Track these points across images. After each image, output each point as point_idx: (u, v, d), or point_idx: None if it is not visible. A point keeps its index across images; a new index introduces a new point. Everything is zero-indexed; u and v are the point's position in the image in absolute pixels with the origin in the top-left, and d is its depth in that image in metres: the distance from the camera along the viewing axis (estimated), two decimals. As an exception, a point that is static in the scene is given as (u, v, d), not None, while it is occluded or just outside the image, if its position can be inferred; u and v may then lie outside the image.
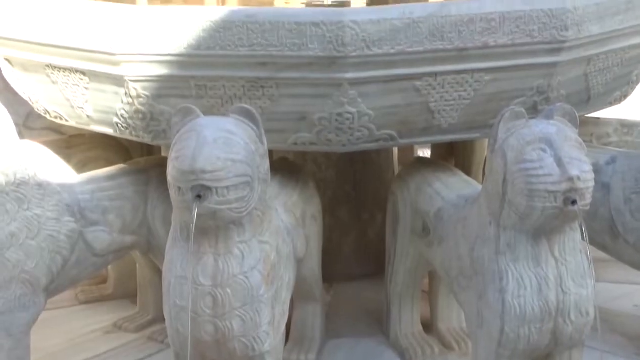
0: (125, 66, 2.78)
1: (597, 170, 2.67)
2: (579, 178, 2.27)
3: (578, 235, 2.43)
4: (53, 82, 3.05)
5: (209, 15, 2.69)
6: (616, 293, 3.61)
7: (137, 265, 3.46)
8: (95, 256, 2.94)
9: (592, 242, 3.03)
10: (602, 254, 3.19)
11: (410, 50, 2.64)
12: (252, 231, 2.40)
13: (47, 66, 3.01)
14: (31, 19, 2.97)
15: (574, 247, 2.43)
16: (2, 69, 3.30)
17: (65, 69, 2.96)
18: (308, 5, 3.58)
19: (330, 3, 3.57)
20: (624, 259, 3.13)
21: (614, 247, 3.12)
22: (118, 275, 3.73)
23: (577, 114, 2.48)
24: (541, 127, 2.38)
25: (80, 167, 3.40)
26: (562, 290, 2.41)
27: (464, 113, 2.82)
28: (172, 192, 2.32)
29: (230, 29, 2.65)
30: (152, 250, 3.14)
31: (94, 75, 2.90)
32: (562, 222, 2.36)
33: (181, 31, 2.69)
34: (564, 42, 2.78)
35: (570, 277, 2.42)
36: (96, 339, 3.34)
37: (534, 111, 2.82)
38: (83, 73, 2.92)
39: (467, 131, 2.90)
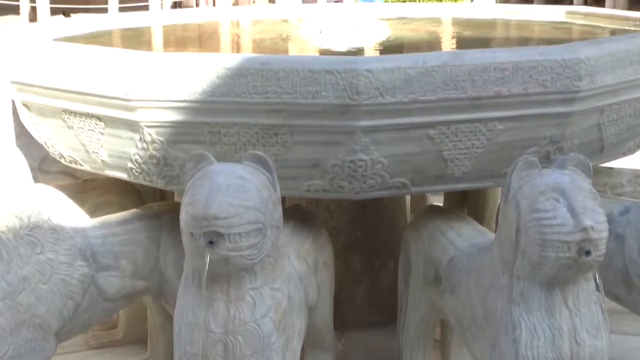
0: (140, 112, 2.80)
1: (610, 220, 2.66)
2: (592, 228, 2.25)
3: (592, 286, 2.41)
4: (69, 127, 3.07)
5: (223, 62, 2.71)
6: (631, 345, 3.57)
7: (148, 310, 3.44)
8: (106, 301, 2.93)
9: (607, 293, 3.00)
10: (616, 305, 3.16)
11: (423, 98, 2.65)
12: (264, 278, 2.39)
13: (64, 111, 3.04)
14: (49, 64, 3.01)
15: (588, 298, 2.41)
16: (19, 113, 3.33)
17: (81, 114, 2.99)
18: (322, 52, 3.60)
19: (345, 50, 3.60)
20: (638, 311, 3.10)
21: (628, 298, 3.09)
22: (128, 320, 3.72)
23: (590, 164, 2.47)
24: (554, 176, 2.37)
25: (94, 211, 3.41)
26: (576, 341, 2.38)
27: (477, 162, 2.82)
28: (185, 238, 2.32)
29: (244, 76, 2.67)
30: (164, 295, 3.13)
31: (109, 121, 2.92)
32: (576, 273, 2.34)
33: (196, 78, 2.71)
34: (577, 92, 2.79)
35: (584, 329, 2.39)
36: (106, 384, 3.32)
37: (547, 160, 2.82)
38: (99, 118, 2.94)
39: (480, 180, 2.89)
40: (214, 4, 14.24)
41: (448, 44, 4.06)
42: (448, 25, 4.65)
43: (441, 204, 4.21)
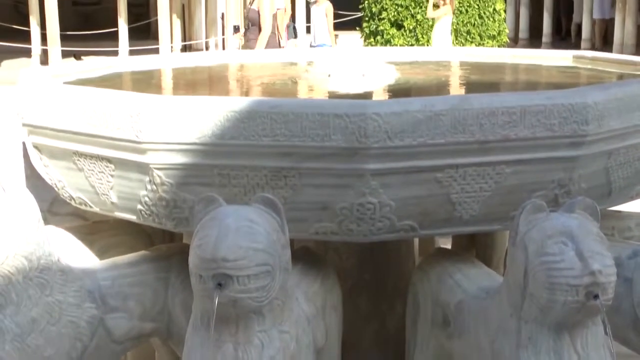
0: (150, 154, 2.83)
1: (619, 264, 2.65)
2: (600, 272, 2.26)
3: (601, 330, 2.41)
4: (79, 169, 3.09)
5: (233, 105, 2.73)
6: (641, 389, 3.53)
7: (156, 352, 3.44)
8: (114, 343, 2.93)
9: (615, 337, 2.98)
10: (625, 349, 3.15)
11: (431, 142, 2.67)
12: (272, 320, 2.39)
13: (74, 153, 3.06)
14: (60, 107, 3.04)
15: (596, 342, 2.40)
16: (30, 156, 3.36)
17: (91, 156, 3.01)
18: (331, 96, 3.63)
19: (353, 94, 3.63)
20: (647, 355, 3.08)
21: (637, 342, 3.07)
22: (136, 362, 3.71)
23: (598, 208, 2.48)
24: (562, 220, 2.38)
25: (103, 253, 3.42)
26: (585, 385, 2.38)
27: (485, 205, 2.83)
28: (193, 280, 2.32)
29: (254, 119, 2.69)
30: (172, 337, 3.13)
31: (119, 163, 2.94)
32: (584, 317, 2.34)
33: (205, 120, 2.74)
34: (584, 136, 2.80)
35: (593, 373, 2.38)
36: None
37: (555, 204, 2.83)
38: (109, 160, 2.97)
39: (488, 223, 2.90)
40: (223, 47, 14.36)
41: (456, 87, 4.09)
42: (456, 69, 4.69)
43: (449, 247, 4.21)
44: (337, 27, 17.04)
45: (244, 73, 4.68)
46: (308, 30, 15.59)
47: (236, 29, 8.78)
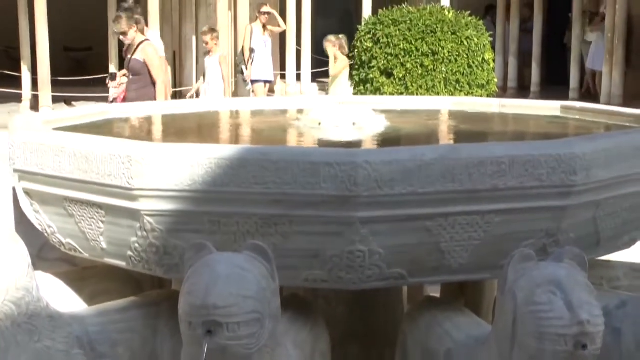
0: (141, 200, 2.84)
1: (607, 314, 2.66)
2: (589, 322, 2.27)
3: (589, 380, 2.41)
4: (70, 215, 3.10)
5: (224, 152, 2.76)
6: None
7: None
8: (102, 389, 2.92)
9: (604, 386, 2.99)
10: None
11: (421, 191, 2.70)
12: (262, 368, 2.39)
13: (65, 199, 3.07)
14: (50, 153, 3.05)
15: (585, 392, 2.41)
16: (20, 201, 3.36)
17: (82, 203, 3.02)
18: (322, 144, 3.66)
19: (344, 142, 3.66)
20: (637, 405, 3.07)
21: (626, 392, 3.07)
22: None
23: (586, 257, 2.50)
24: (551, 269, 2.40)
25: (92, 299, 3.42)
26: None
27: (474, 253, 2.85)
28: (183, 327, 2.33)
29: (244, 167, 2.71)
30: (160, 384, 3.12)
31: (110, 209, 2.95)
32: (573, 366, 2.34)
33: (196, 168, 2.76)
34: (572, 186, 2.83)
35: (582, 423, 2.38)
36: None
37: (543, 253, 2.84)
38: (100, 207, 2.98)
39: (477, 271, 2.92)
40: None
41: (446, 137, 4.13)
42: (446, 118, 4.73)
43: (438, 295, 4.21)
44: (327, 75, 17.17)
45: (236, 120, 4.71)
46: (298, 76, 15.68)
47: (112, 77, 8.37)
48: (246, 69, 11.43)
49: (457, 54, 9.58)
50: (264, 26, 12.04)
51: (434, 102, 5.34)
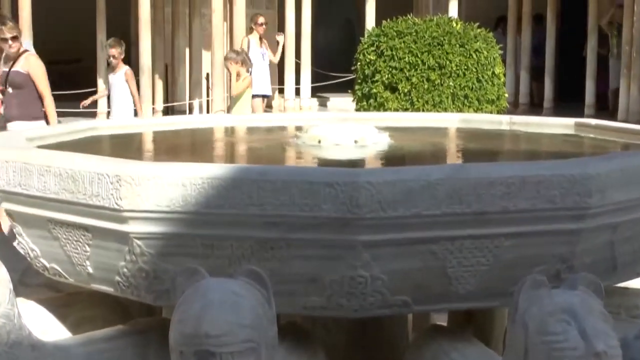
0: (130, 222, 2.84)
1: (625, 345, 2.66)
2: (605, 353, 2.26)
3: (605, 414, 2.40)
4: (54, 238, 3.10)
5: (218, 172, 2.76)
6: None
7: None
8: (87, 423, 2.91)
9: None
10: None
11: (426, 213, 2.70)
12: (257, 401, 2.38)
13: (49, 221, 3.07)
14: (34, 172, 3.05)
15: None
16: (1, 223, 3.37)
17: (67, 225, 3.02)
18: (322, 163, 3.67)
19: (345, 161, 3.66)
20: None
21: None
22: None
23: (602, 284, 2.49)
24: (564, 297, 2.40)
25: (77, 326, 3.41)
26: None
27: (482, 279, 2.85)
28: (174, 356, 2.32)
29: (240, 187, 2.72)
30: (148, 418, 3.11)
31: (97, 232, 2.96)
32: (588, 400, 2.33)
33: (189, 188, 2.76)
34: (587, 208, 2.83)
35: None
36: None
37: (556, 280, 2.84)
38: (86, 229, 2.98)
39: (486, 299, 2.91)
40: (208, 110, 14.47)
41: (453, 156, 4.14)
42: (453, 136, 4.74)
43: (445, 323, 4.20)
44: (328, 89, 17.24)
45: (230, 138, 4.72)
46: (297, 91, 15.74)
47: None
48: None
49: (466, 67, 9.60)
50: (261, 38, 12.05)
51: (441, 119, 5.35)
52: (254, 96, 11.29)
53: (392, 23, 10.06)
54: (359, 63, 10.08)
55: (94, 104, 13.52)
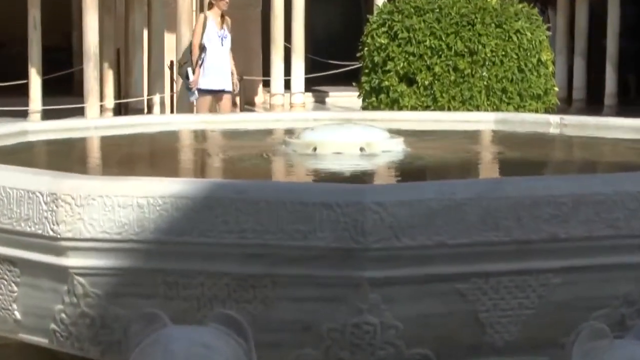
0: (70, 255, 2.84)
1: None
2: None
3: None
4: (-27, 274, 3.11)
5: (185, 189, 2.77)
6: None
7: None
8: None
9: None
10: None
11: (452, 242, 2.70)
12: None
13: (-34, 252, 3.07)
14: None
15: None
16: None
17: (-11, 257, 3.03)
18: (318, 178, 3.68)
19: (348, 176, 3.67)
20: None
21: None
22: None
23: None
24: (630, 350, 2.40)
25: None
26: None
27: (525, 327, 2.85)
28: None
29: (212, 209, 2.72)
30: None
31: (27, 266, 2.96)
32: None
33: (147, 210, 2.76)
34: (660, 235, 2.84)
35: None
36: None
37: (621, 327, 2.84)
38: (12, 263, 2.98)
39: (530, 351, 2.91)
40: (172, 108, 14.46)
41: (487, 168, 4.15)
42: (487, 142, 4.76)
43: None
44: (327, 81, 17.25)
45: (202, 145, 4.73)
46: (287, 83, 15.75)
47: None
48: (193, 72, 11.11)
49: (504, 53, 9.61)
50: (223, 16, 11.74)
51: (472, 119, 5.36)
52: (202, 91, 10.99)
53: (409, -3, 10.09)
54: (366, 48, 10.08)
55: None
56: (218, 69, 11.24)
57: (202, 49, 11.00)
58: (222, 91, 11.27)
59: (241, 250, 2.72)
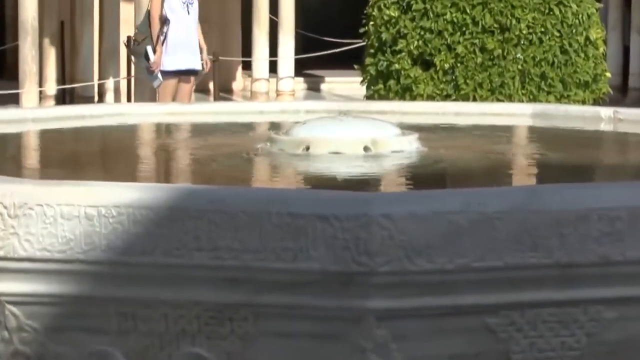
0: (0, 278, 2.84)
1: None
2: None
3: None
4: None
5: (145, 197, 2.76)
6: None
7: None
8: None
9: None
10: None
11: (479, 265, 2.70)
12: None
13: None
14: None
15: None
16: None
17: None
18: (310, 183, 3.68)
19: (347, 181, 3.67)
20: None
21: None
22: None
23: None
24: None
25: None
26: None
27: (570, 373, 2.85)
28: None
29: (179, 222, 2.72)
30: None
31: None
32: None
33: (98, 223, 2.76)
34: None
35: None
36: None
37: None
38: None
39: (577, 405, 2.92)
40: (129, 96, 14.47)
41: (522, 173, 4.15)
42: (521, 140, 4.76)
43: None
44: (322, 64, 17.27)
45: (166, 142, 4.74)
46: (273, 66, 15.79)
47: None
48: (153, 51, 10.94)
49: (543, 30, 9.64)
50: None
51: (503, 113, 5.36)
52: (166, 73, 10.83)
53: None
54: (371, 23, 10.11)
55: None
56: (184, 44, 11.16)
57: (164, 20, 10.90)
58: (191, 71, 11.20)
59: (215, 274, 2.72)
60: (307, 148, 3.88)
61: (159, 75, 10.77)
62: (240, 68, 17.19)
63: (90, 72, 15.29)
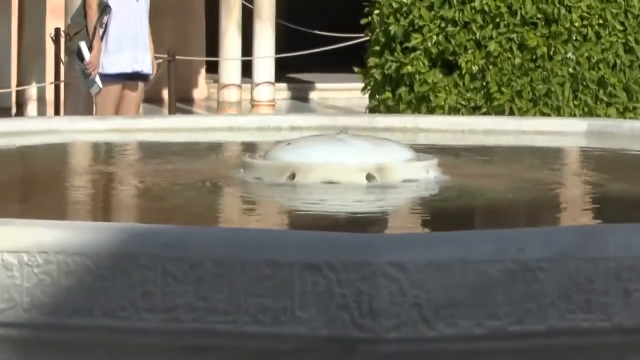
0: None
1: None
2: None
3: None
4: None
5: (80, 240, 2.78)
6: None
7: None
8: None
9: None
10: None
11: (517, 329, 2.72)
12: None
13: None
14: None
15: None
16: None
17: None
18: (297, 223, 3.70)
19: (345, 217, 3.70)
20: None
21: None
22: None
23: None
24: None
25: None
26: None
27: None
28: None
29: (127, 273, 2.73)
30: None
31: None
32: None
33: (19, 273, 2.77)
34: None
35: None
36: None
37: None
38: None
39: None
40: (58, 107, 14.49)
41: (572, 210, 4.17)
42: (574, 167, 4.78)
43: None
44: (311, 66, 17.30)
45: (107, 167, 4.75)
46: (247, 68, 15.84)
47: None
48: (89, 49, 10.89)
49: (601, 22, 9.68)
50: None
51: (549, 131, 5.39)
52: (106, 77, 10.77)
53: None
54: (376, 12, 10.14)
55: None
56: (131, 40, 11.15)
57: (104, 9, 10.87)
58: (140, 75, 11.17)
59: (172, 341, 2.74)
60: (293, 176, 3.89)
61: (97, 79, 10.72)
62: (203, 71, 17.22)
63: (6, 76, 15.33)
